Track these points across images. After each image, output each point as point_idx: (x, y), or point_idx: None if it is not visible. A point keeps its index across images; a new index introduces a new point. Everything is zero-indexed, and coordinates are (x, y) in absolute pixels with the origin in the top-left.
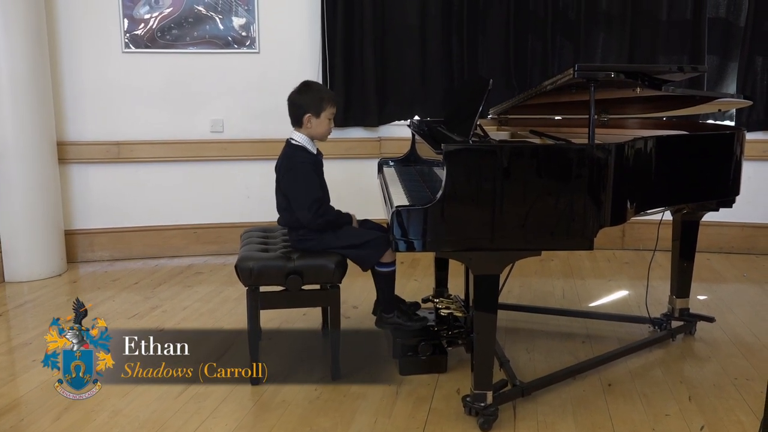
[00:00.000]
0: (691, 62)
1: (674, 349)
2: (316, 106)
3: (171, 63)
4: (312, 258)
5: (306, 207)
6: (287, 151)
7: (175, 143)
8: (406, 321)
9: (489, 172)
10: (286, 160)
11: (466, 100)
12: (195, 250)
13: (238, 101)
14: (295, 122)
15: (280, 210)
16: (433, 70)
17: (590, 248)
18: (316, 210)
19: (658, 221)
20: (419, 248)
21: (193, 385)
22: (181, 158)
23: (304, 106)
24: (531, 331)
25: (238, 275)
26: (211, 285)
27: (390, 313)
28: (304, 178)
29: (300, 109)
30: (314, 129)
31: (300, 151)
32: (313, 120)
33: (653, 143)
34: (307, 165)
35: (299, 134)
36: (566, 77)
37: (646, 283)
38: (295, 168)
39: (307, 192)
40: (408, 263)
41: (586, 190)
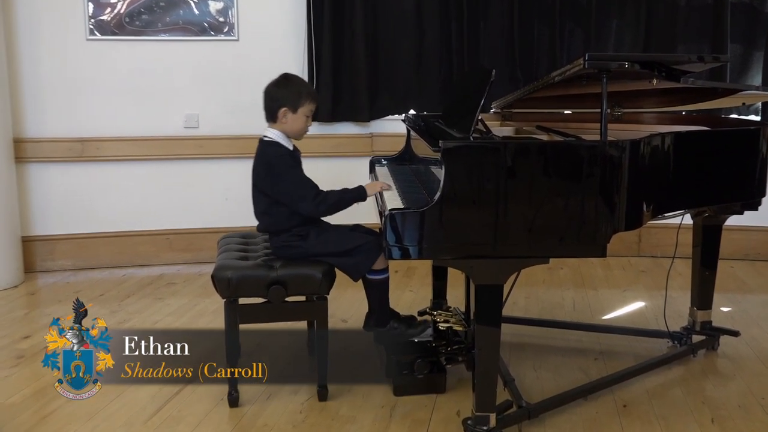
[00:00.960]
0: (712, 51)
1: (695, 366)
2: (293, 101)
3: (141, 51)
4: (297, 267)
5: (304, 199)
6: (261, 149)
7: (145, 140)
8: (407, 329)
9: (492, 172)
10: (262, 159)
11: (466, 93)
12: (167, 258)
13: (215, 94)
14: (269, 116)
15: (258, 214)
16: (430, 59)
17: (603, 255)
18: (314, 197)
19: (677, 225)
20: (415, 256)
21: (165, 406)
22: (152, 156)
23: (280, 100)
24: (538, 347)
25: (215, 286)
26: (185, 297)
27: (384, 326)
28: (287, 171)
29: (276, 102)
30: (289, 125)
31: (274, 147)
32: (289, 115)
33: (671, 140)
34: (286, 158)
35: (273, 130)
36: (576, 67)
37: (665, 294)
38: (274, 164)
39: (296, 184)
40: (403, 272)
41: (598, 192)
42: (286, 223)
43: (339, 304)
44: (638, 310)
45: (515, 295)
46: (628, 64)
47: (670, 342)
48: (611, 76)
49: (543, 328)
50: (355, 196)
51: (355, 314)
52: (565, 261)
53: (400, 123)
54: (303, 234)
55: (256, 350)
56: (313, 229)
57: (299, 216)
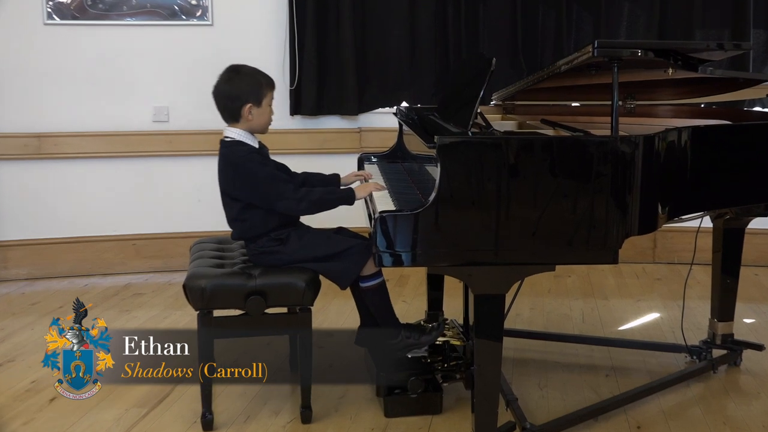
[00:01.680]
0: (733, 38)
1: (716, 384)
2: (255, 94)
3: (104, 37)
4: (277, 275)
5: (282, 196)
6: (224, 152)
7: (109, 135)
8: (420, 336)
9: (492, 170)
10: (227, 161)
11: (463, 84)
12: (134, 265)
13: (187, 84)
14: (230, 117)
15: (231, 221)
16: (425, 47)
17: (614, 262)
18: (294, 192)
19: (695, 229)
20: (408, 262)
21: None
22: (117, 154)
23: (241, 96)
24: (544, 363)
25: (187, 296)
26: (154, 309)
27: (396, 336)
28: (258, 170)
29: (236, 100)
30: (255, 121)
31: (238, 146)
32: (255, 110)
33: (689, 135)
34: (253, 155)
35: (234, 129)
36: (584, 56)
37: (682, 304)
38: (242, 165)
39: (269, 182)
40: (395, 281)
41: (609, 192)
42: (262, 228)
43: (325, 315)
44: (653, 322)
45: (518, 305)
46: (641, 51)
47: (688, 357)
48: (623, 65)
49: (549, 342)
50: (342, 198)
51: (342, 326)
52: (573, 268)
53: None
54: (282, 238)
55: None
56: (293, 232)
57: (276, 218)
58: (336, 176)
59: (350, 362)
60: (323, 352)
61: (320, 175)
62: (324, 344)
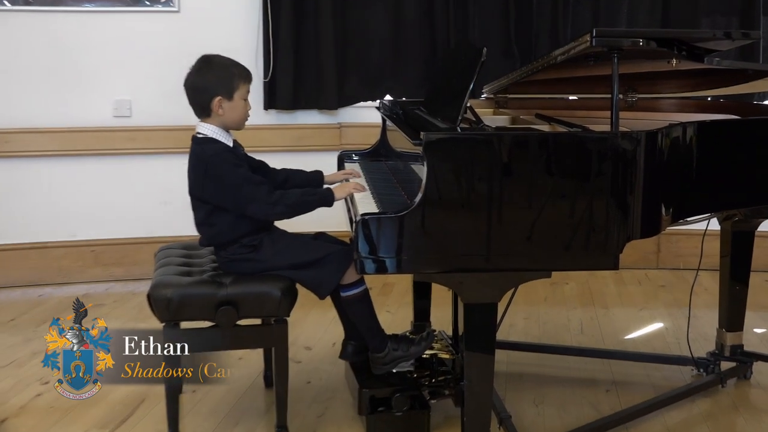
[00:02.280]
0: (741, 26)
1: (724, 398)
2: (226, 86)
3: (59, 25)
4: (251, 283)
5: (254, 199)
6: (194, 149)
7: (65, 132)
8: (409, 347)
9: (483, 169)
10: (198, 160)
11: (452, 76)
12: (93, 274)
13: (151, 76)
14: (200, 112)
15: (198, 226)
16: (410, 35)
17: (615, 267)
18: (268, 195)
19: (702, 232)
20: (392, 269)
21: None
22: (74, 152)
23: (210, 89)
24: (540, 377)
25: (152, 307)
26: (116, 321)
27: (383, 349)
28: (231, 171)
29: (205, 93)
30: (227, 115)
31: (211, 144)
32: (225, 104)
33: (694, 130)
34: (226, 155)
35: (207, 125)
36: (582, 45)
37: (688, 313)
38: (213, 164)
39: (241, 184)
40: (378, 289)
41: (609, 192)
42: (232, 233)
43: (302, 327)
44: (657, 333)
45: (512, 315)
46: (642, 41)
47: (694, 370)
48: (623, 55)
49: (545, 355)
50: (320, 199)
51: (321, 339)
52: (571, 275)
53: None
54: (254, 245)
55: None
56: (266, 238)
57: (247, 223)
58: (319, 174)
59: (330, 378)
60: (300, 367)
61: (302, 172)
62: (301, 359)
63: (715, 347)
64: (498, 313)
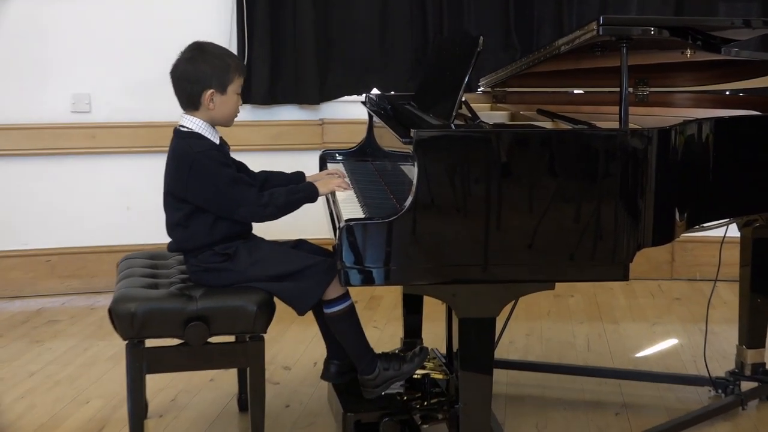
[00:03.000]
0: (762, 14)
1: (745, 422)
2: (219, 78)
3: (11, 10)
4: (223, 296)
5: (244, 202)
6: (177, 144)
7: (16, 129)
8: (401, 365)
9: (480, 170)
10: (180, 156)
11: (445, 67)
12: (48, 286)
13: (113, 68)
14: (188, 104)
15: (171, 227)
16: (399, 23)
17: (625, 278)
18: (258, 198)
19: (720, 239)
20: (380, 280)
21: None
22: (26, 151)
23: (202, 80)
24: (542, 400)
25: (114, 323)
26: (73, 339)
27: (372, 370)
28: (217, 170)
29: (197, 84)
30: (218, 110)
31: (196, 140)
32: (218, 98)
33: (711, 127)
34: (212, 153)
35: (193, 118)
36: (588, 34)
37: (705, 329)
38: (197, 162)
39: (230, 185)
40: (364, 303)
41: (618, 195)
42: (207, 238)
43: (281, 345)
44: (671, 350)
45: (512, 331)
46: (654, 29)
47: (712, 391)
48: (633, 45)
49: (548, 375)
50: (306, 197)
51: (301, 359)
52: (577, 286)
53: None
54: (229, 253)
55: (170, 408)
56: (242, 246)
57: (224, 228)
58: (300, 174)
59: (311, 401)
60: (278, 389)
61: (282, 174)
62: (279, 380)
63: (735, 366)
64: (496, 329)
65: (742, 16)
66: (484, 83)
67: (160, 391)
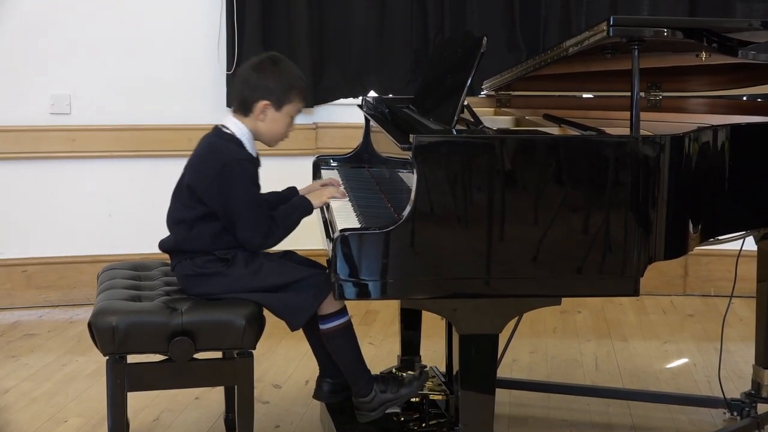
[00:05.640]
0: None
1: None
2: (279, 94)
3: None
4: (210, 309)
5: (256, 230)
6: (216, 142)
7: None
8: (399, 388)
9: (483, 178)
10: (213, 154)
11: (447, 70)
12: (24, 298)
13: (95, 67)
14: (241, 107)
15: (175, 223)
16: (398, 22)
17: (635, 293)
18: (266, 231)
19: (736, 253)
20: (376, 294)
21: None
22: (2, 155)
23: (262, 90)
24: (547, 421)
25: (94, 338)
26: (51, 354)
27: (368, 392)
28: (245, 185)
29: (255, 91)
30: (267, 125)
31: (235, 145)
32: (270, 112)
33: (727, 134)
34: (246, 165)
35: (240, 123)
36: (598, 35)
37: (720, 347)
38: (229, 167)
39: (251, 206)
40: (360, 317)
41: (628, 206)
42: (209, 244)
43: (271, 362)
44: (684, 370)
45: (515, 348)
46: (667, 30)
47: (726, 413)
48: (645, 47)
49: (554, 395)
50: (300, 214)
51: (293, 376)
52: (584, 302)
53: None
54: (228, 258)
55: (153, 428)
56: (240, 253)
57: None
58: (293, 190)
59: (302, 421)
60: (268, 408)
61: (273, 193)
62: (269, 399)
63: (751, 387)
64: (499, 346)
65: (761, 18)
66: (488, 86)
67: (142, 410)
